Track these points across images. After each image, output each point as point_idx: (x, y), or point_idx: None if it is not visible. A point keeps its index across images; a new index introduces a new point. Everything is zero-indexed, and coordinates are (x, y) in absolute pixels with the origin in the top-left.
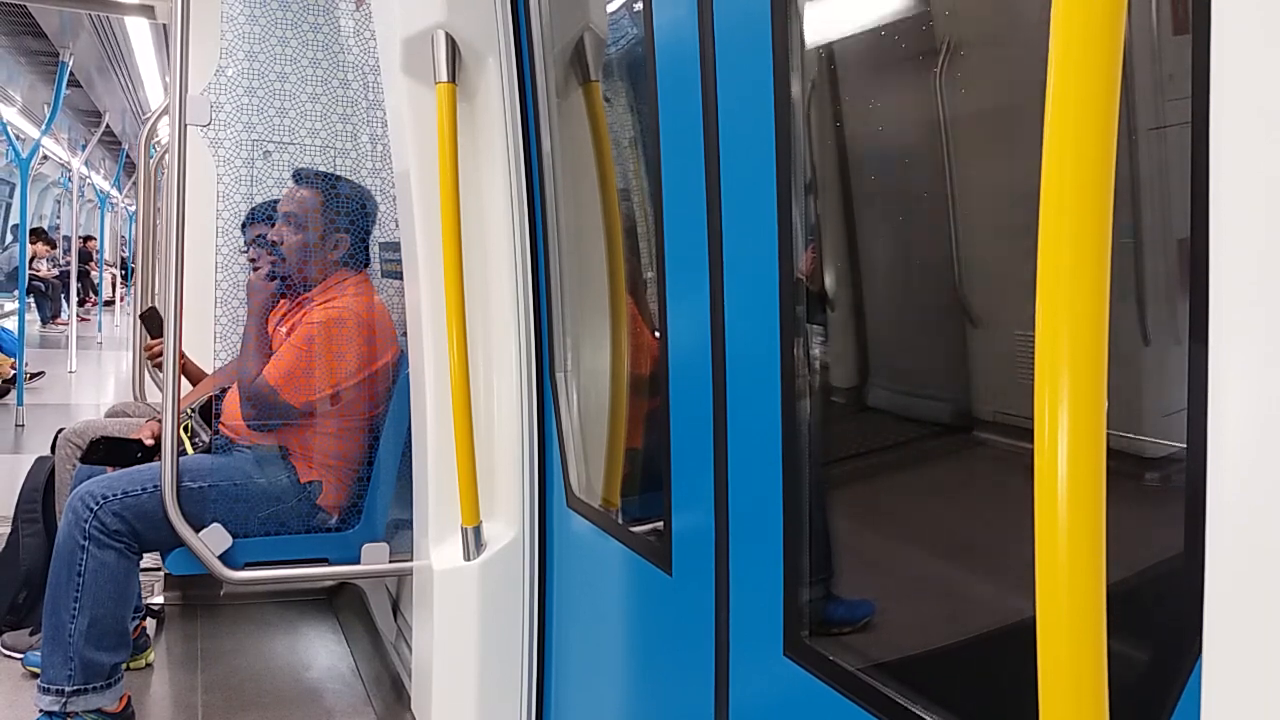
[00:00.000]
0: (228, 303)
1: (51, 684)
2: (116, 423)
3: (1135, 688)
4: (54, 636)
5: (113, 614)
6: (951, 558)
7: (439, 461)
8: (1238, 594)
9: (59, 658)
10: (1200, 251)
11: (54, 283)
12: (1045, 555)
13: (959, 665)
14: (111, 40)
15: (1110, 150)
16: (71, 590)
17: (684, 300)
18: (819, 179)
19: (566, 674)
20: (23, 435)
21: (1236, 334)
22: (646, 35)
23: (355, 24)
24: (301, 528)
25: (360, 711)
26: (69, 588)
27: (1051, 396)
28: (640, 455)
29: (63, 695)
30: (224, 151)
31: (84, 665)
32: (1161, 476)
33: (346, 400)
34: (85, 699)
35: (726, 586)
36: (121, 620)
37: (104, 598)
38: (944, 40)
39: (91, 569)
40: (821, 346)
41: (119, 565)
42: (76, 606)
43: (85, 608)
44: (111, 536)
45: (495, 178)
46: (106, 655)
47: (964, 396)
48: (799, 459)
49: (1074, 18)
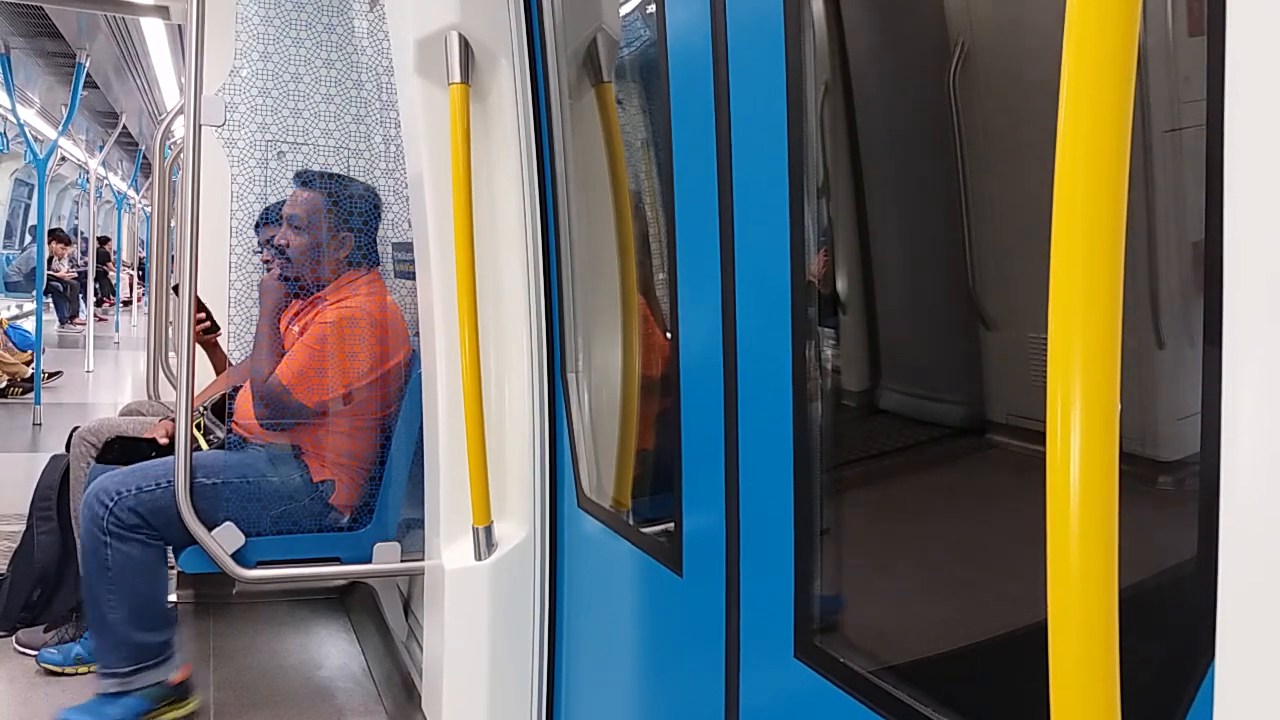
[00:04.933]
0: (242, 302)
1: (109, 669)
2: (131, 421)
3: (1147, 691)
4: (99, 627)
5: (149, 598)
6: (963, 560)
7: (450, 461)
8: (1251, 597)
9: (108, 645)
10: (1215, 254)
11: (72, 283)
12: (1057, 558)
13: (971, 668)
14: (128, 41)
15: (1124, 152)
16: (104, 584)
17: (696, 301)
18: (831, 181)
19: (577, 674)
20: (40, 434)
21: (1251, 337)
22: (659, 36)
23: (369, 25)
24: (314, 527)
25: (371, 710)
26: (101, 581)
27: (1064, 399)
28: (651, 456)
29: (120, 677)
30: (238, 152)
31: (134, 648)
32: (1175, 480)
33: (359, 400)
34: (143, 676)
35: (737, 588)
36: (159, 601)
37: (137, 586)
38: (958, 41)
39: (118, 562)
40: (833, 348)
41: (144, 555)
42: (113, 598)
43: (122, 598)
44: (130, 530)
45: (508, 178)
46: (153, 635)
47: (977, 399)
48: (810, 460)
49: (1088, 19)
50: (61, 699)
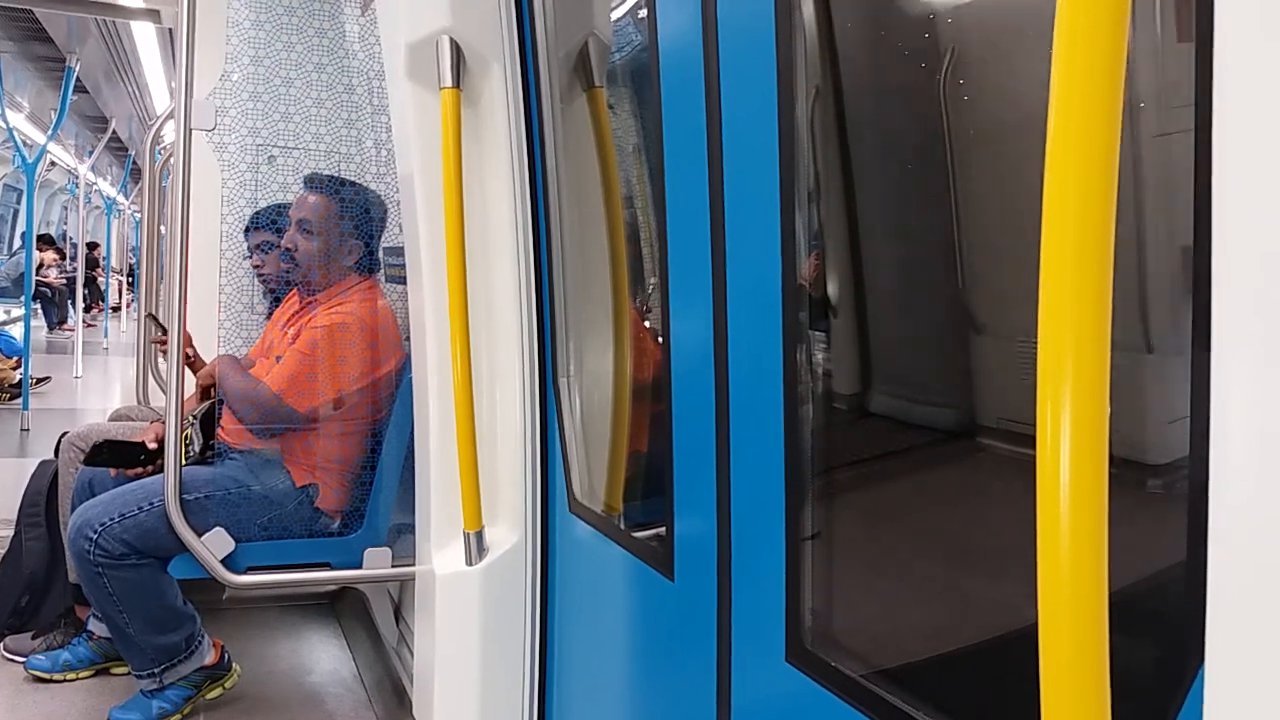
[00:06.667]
0: (231, 307)
1: (141, 670)
2: (120, 426)
3: (1138, 695)
4: (121, 640)
5: (159, 607)
6: (954, 564)
7: (441, 466)
8: (1240, 599)
9: (134, 652)
10: (1204, 258)
11: (60, 289)
12: (1047, 561)
13: (962, 671)
14: (118, 46)
15: (1113, 157)
16: (113, 606)
17: (687, 306)
18: (822, 185)
19: (568, 679)
20: (28, 440)
21: (1240, 341)
22: (650, 42)
23: (360, 29)
24: (303, 532)
25: (362, 716)
26: (109, 605)
27: (1054, 403)
28: (642, 460)
29: (154, 676)
30: (228, 156)
31: (159, 650)
32: (1164, 483)
33: (350, 405)
34: (176, 670)
35: (729, 592)
36: (170, 605)
37: (144, 601)
38: (948, 45)
39: (118, 588)
40: (824, 353)
41: (140, 576)
42: (125, 615)
43: (133, 614)
44: (119, 559)
45: (499, 183)
46: (174, 635)
47: (967, 403)
48: (801, 465)
49: (1077, 25)
50: (50, 706)
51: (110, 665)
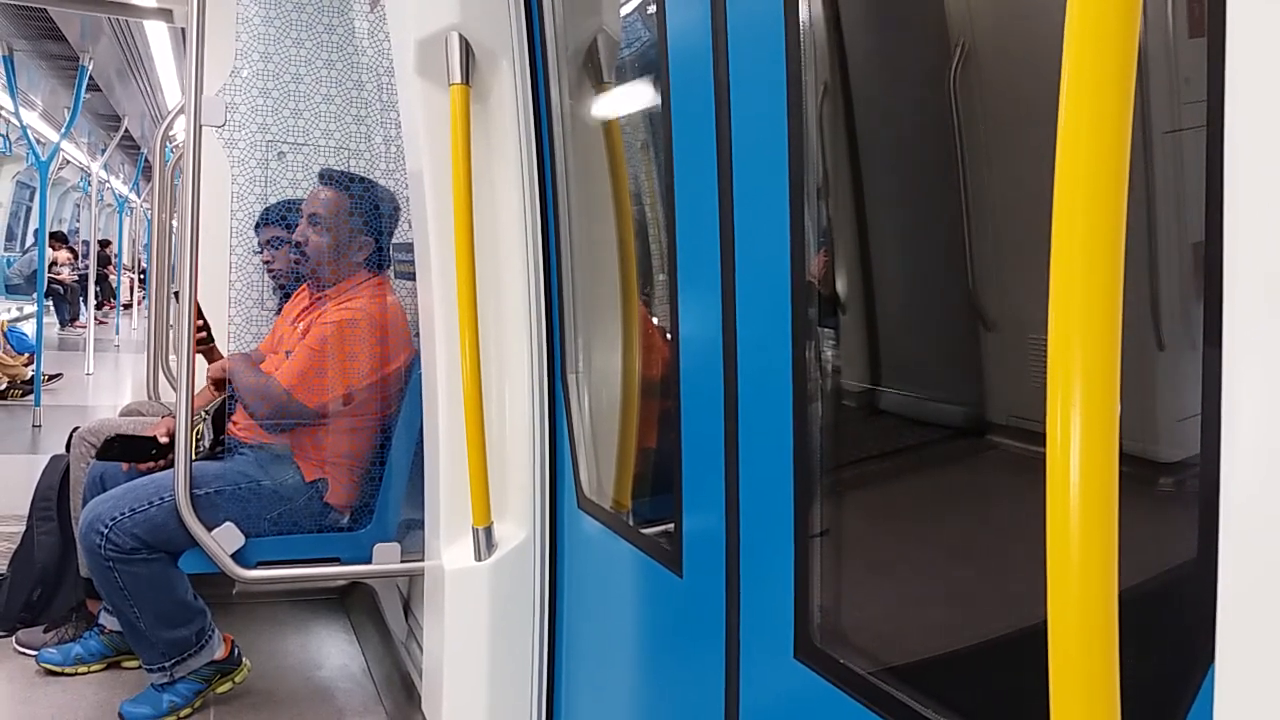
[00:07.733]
0: (241, 303)
1: (152, 664)
2: (131, 422)
3: (1147, 694)
4: (132, 635)
5: (169, 601)
6: (964, 561)
7: (450, 462)
8: (1251, 598)
9: (144, 646)
10: (1215, 255)
11: (72, 286)
12: (1057, 559)
13: (971, 669)
14: (131, 45)
15: (1124, 153)
16: (124, 600)
17: (696, 302)
18: (831, 182)
19: (577, 675)
20: (40, 436)
21: (1251, 338)
22: (659, 37)
23: (369, 26)
24: (313, 527)
25: (371, 711)
26: (119, 599)
27: (1064, 400)
28: (651, 457)
29: (165, 670)
30: (239, 152)
31: (170, 644)
32: (1175, 481)
33: (359, 400)
34: (186, 664)
35: (737, 589)
36: (181, 600)
37: (155, 596)
38: (959, 42)
39: (129, 582)
40: (833, 349)
41: (151, 570)
42: (136, 610)
43: (144, 609)
44: (130, 554)
45: (508, 179)
46: (185, 629)
47: (977, 401)
48: (810, 461)
49: (1088, 20)
50: (61, 699)
51: (121, 659)
